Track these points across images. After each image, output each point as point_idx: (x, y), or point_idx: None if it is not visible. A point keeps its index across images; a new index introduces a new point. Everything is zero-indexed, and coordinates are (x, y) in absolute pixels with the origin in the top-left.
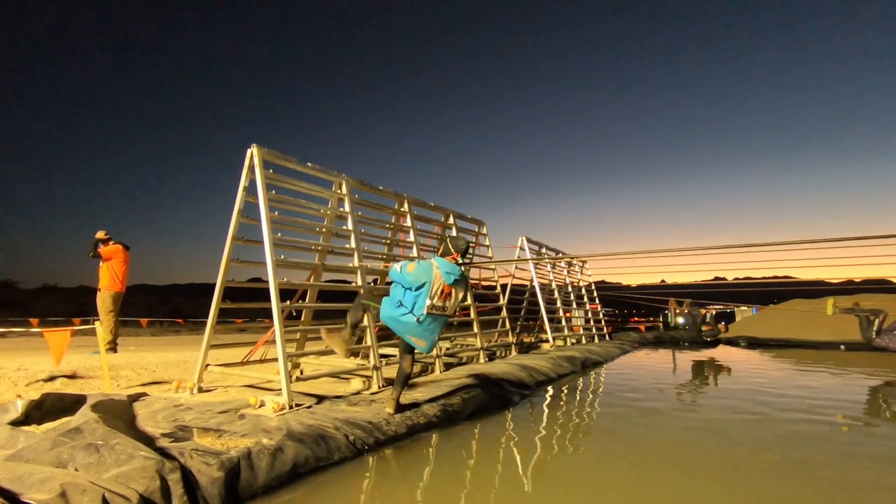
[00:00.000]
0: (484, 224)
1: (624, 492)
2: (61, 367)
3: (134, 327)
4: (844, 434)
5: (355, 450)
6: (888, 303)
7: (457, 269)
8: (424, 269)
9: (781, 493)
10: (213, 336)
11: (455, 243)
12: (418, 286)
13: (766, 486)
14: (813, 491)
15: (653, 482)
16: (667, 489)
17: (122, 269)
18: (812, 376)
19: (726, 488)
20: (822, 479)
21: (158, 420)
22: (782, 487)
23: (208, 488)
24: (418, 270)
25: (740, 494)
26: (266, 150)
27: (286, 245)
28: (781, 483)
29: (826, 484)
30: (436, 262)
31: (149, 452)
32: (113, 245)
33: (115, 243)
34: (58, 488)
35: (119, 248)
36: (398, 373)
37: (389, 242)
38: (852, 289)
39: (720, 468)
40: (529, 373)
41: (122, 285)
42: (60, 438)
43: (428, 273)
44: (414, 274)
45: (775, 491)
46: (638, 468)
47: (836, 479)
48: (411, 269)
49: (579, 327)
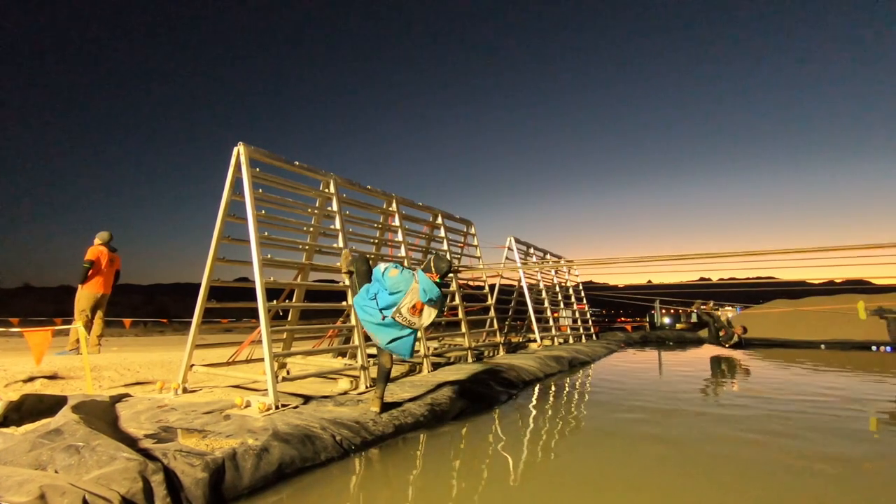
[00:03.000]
0: (472, 224)
1: (612, 488)
2: (42, 367)
3: (117, 327)
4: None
5: (342, 450)
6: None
7: (435, 291)
8: (405, 278)
9: (768, 488)
10: (198, 336)
11: (437, 264)
12: (393, 293)
13: (752, 474)
14: (767, 475)
15: (640, 478)
16: (654, 484)
17: (105, 271)
18: (794, 370)
19: (715, 481)
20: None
21: (141, 421)
22: (770, 482)
23: (192, 489)
24: (399, 278)
25: (729, 488)
26: (253, 149)
27: (273, 244)
28: (769, 476)
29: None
30: (418, 277)
31: (131, 454)
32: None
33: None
34: (36, 490)
35: (102, 249)
36: (378, 370)
37: (377, 242)
38: (833, 289)
39: (704, 460)
40: (517, 372)
41: (102, 287)
42: (40, 440)
43: (407, 283)
44: (394, 280)
45: (768, 486)
46: (625, 464)
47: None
48: (393, 274)
49: (567, 327)
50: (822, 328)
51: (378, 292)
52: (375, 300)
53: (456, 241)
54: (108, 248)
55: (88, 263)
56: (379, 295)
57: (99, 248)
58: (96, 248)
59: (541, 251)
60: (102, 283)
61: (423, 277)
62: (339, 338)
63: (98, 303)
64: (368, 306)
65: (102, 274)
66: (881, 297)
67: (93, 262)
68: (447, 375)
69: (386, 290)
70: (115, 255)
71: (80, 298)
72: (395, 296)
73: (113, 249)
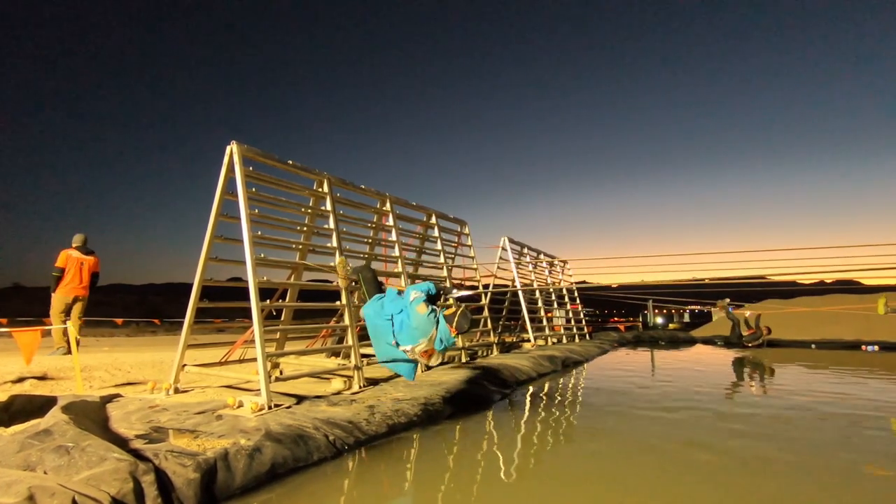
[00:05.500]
0: (466, 224)
1: (604, 484)
2: (31, 367)
3: (109, 327)
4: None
5: (335, 450)
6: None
7: (451, 341)
8: (430, 322)
9: (778, 487)
10: (190, 336)
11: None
12: (413, 328)
13: (756, 476)
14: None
15: (631, 474)
16: (645, 480)
17: (76, 276)
18: (782, 369)
19: (699, 475)
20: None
21: (132, 421)
22: (749, 475)
23: (183, 490)
24: (424, 319)
25: (727, 488)
26: (246, 147)
27: (266, 243)
28: (781, 477)
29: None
30: (438, 326)
31: (121, 454)
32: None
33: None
34: (25, 492)
35: (72, 254)
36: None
37: (371, 242)
38: (823, 289)
39: (699, 460)
40: (511, 372)
41: (74, 291)
42: (29, 441)
43: (429, 327)
44: (419, 318)
45: (777, 486)
46: (617, 463)
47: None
48: (421, 312)
49: (560, 327)
50: (812, 328)
51: (396, 316)
52: (391, 322)
53: (450, 240)
54: (82, 251)
55: (58, 271)
56: (397, 320)
57: (68, 254)
58: (65, 254)
59: (534, 251)
60: (74, 288)
61: (443, 328)
62: (332, 338)
63: (72, 306)
64: (381, 327)
65: (74, 278)
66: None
67: (62, 270)
68: (441, 375)
69: (411, 322)
70: (88, 257)
71: (54, 303)
72: (415, 333)
73: (89, 252)
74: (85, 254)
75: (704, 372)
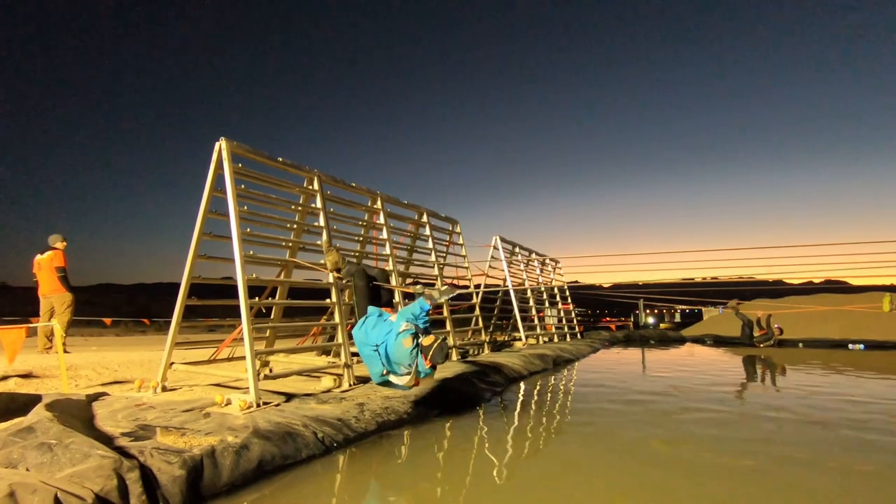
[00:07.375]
0: (457, 223)
1: (592, 481)
2: (16, 366)
3: (98, 327)
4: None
5: (324, 447)
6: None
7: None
8: (412, 357)
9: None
10: (180, 335)
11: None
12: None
13: (747, 478)
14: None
15: (618, 471)
16: (633, 477)
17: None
18: (780, 369)
19: (685, 469)
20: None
21: (118, 419)
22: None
23: (169, 487)
24: (408, 354)
25: (725, 487)
26: (235, 144)
27: (255, 241)
28: (768, 476)
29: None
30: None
31: (106, 451)
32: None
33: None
34: (6, 488)
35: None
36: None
37: (362, 240)
38: (811, 289)
39: (686, 455)
40: (502, 370)
41: (40, 292)
42: (11, 438)
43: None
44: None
45: (768, 485)
46: (606, 459)
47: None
48: (407, 346)
49: (552, 326)
50: (800, 327)
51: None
52: (377, 352)
53: (441, 239)
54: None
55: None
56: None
57: (35, 260)
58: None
59: (526, 250)
60: (41, 289)
61: (421, 362)
62: (322, 335)
63: (47, 307)
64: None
65: (39, 281)
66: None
67: (34, 274)
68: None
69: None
70: (44, 256)
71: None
72: (396, 367)
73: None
74: (41, 253)
75: (694, 370)
